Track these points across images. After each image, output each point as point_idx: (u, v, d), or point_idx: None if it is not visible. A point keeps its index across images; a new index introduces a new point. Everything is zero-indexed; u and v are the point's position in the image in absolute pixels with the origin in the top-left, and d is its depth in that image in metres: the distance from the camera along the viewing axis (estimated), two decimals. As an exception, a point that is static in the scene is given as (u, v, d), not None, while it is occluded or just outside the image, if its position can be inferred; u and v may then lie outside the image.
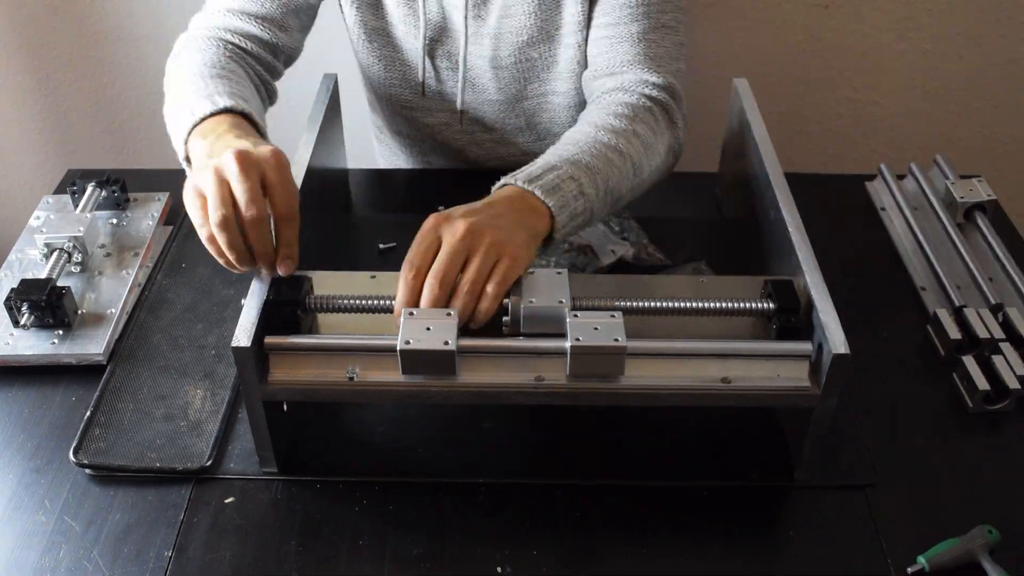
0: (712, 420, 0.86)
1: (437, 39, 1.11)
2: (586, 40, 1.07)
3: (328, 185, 1.05)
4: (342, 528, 0.78)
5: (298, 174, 0.91)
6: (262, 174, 0.78)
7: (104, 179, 1.08)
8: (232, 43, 1.02)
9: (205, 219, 0.77)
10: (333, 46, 1.25)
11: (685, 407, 0.82)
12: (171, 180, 1.17)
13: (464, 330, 0.76)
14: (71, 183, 1.08)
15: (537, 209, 0.83)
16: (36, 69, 1.62)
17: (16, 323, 0.92)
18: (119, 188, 1.08)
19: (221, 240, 0.77)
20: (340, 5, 1.14)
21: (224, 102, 0.88)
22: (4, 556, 0.76)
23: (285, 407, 0.83)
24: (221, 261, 0.80)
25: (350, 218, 1.13)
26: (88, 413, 0.86)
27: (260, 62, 1.05)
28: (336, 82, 1.12)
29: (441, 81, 1.14)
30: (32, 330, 0.92)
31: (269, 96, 1.07)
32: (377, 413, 0.88)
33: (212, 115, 0.87)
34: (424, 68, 1.13)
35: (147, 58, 1.61)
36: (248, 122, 0.88)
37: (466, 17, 1.07)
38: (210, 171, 0.77)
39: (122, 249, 1.03)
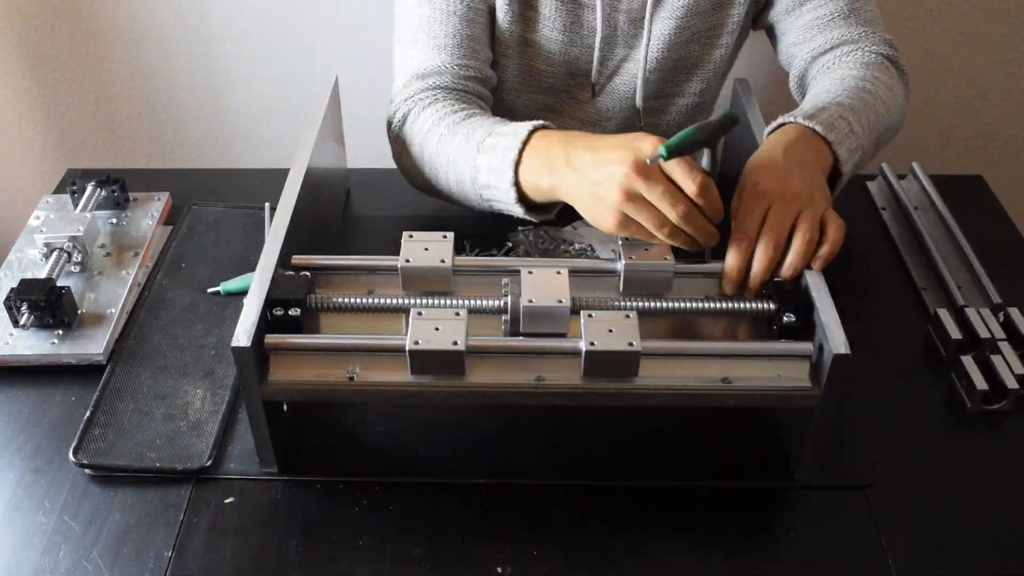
0: (712, 420, 0.86)
1: (604, 45, 1.09)
2: (736, 43, 1.12)
3: (328, 184, 1.05)
4: (342, 528, 0.78)
5: (297, 173, 0.91)
6: (656, 167, 0.79)
7: (104, 179, 1.08)
8: (455, 89, 1.02)
9: (663, 220, 0.79)
10: (333, 46, 1.25)
11: (685, 407, 0.82)
12: (171, 180, 1.17)
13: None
14: (71, 183, 1.08)
15: (819, 147, 0.89)
16: (36, 69, 1.62)
17: (16, 323, 0.92)
18: (119, 188, 1.08)
19: (691, 229, 0.80)
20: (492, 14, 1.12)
21: (527, 125, 0.89)
22: (4, 556, 0.76)
23: (285, 407, 0.83)
24: (687, 247, 0.82)
25: (350, 218, 1.13)
26: (88, 413, 0.86)
27: (483, 99, 1.06)
28: (336, 82, 1.11)
29: (612, 84, 1.13)
30: (32, 330, 0.92)
31: None
32: (377, 413, 0.87)
33: (528, 138, 0.88)
34: (596, 72, 1.11)
35: (147, 58, 1.61)
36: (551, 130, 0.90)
37: (649, 18, 1.06)
38: (617, 195, 0.79)
39: (122, 249, 1.03)
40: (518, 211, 0.92)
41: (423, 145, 0.99)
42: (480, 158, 0.92)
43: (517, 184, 0.89)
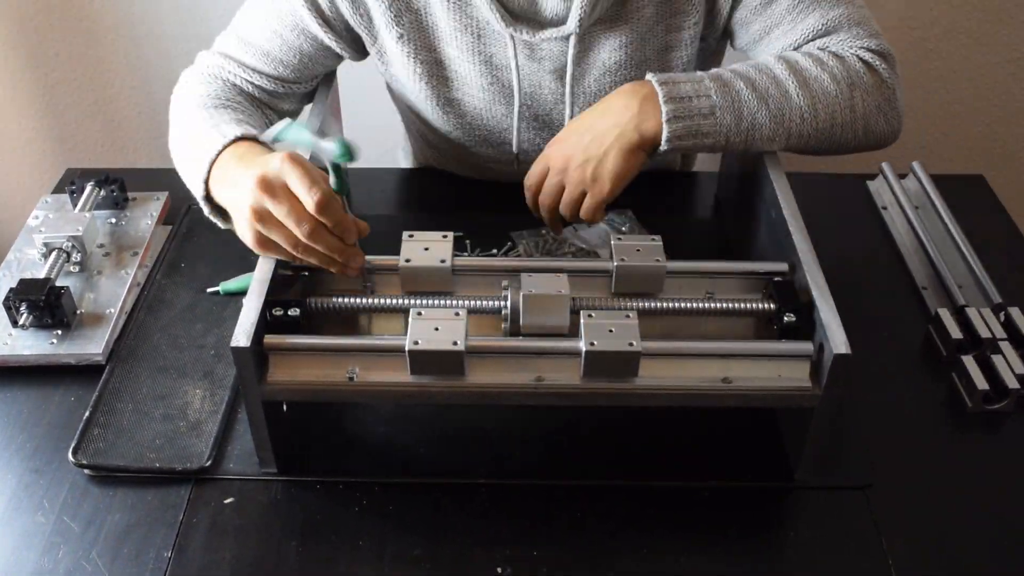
0: (712, 420, 0.86)
1: (530, 104, 1.05)
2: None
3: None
4: (342, 528, 0.78)
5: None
6: (285, 189, 0.78)
7: (103, 179, 1.08)
8: (235, 85, 1.02)
9: (295, 240, 0.78)
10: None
11: (685, 407, 0.82)
12: (170, 179, 1.17)
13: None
14: (70, 182, 1.07)
15: (649, 112, 0.89)
16: (35, 68, 1.62)
17: (15, 323, 0.92)
18: (118, 188, 1.08)
19: (312, 261, 0.80)
20: (388, 84, 1.12)
21: (232, 131, 0.88)
22: (3, 556, 0.76)
23: (285, 407, 0.83)
24: (334, 270, 0.82)
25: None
26: (87, 413, 0.86)
27: (263, 104, 1.05)
28: (336, 82, 1.11)
29: (535, 143, 1.09)
30: (31, 330, 0.92)
31: None
32: (377, 413, 0.87)
33: (222, 150, 0.87)
34: (517, 136, 1.07)
35: (146, 58, 1.60)
36: (258, 144, 0.89)
37: (570, 82, 1.01)
38: (248, 215, 0.78)
39: (121, 249, 1.03)
40: (205, 209, 0.91)
41: (179, 115, 0.99)
42: (193, 149, 0.91)
43: (207, 187, 0.88)
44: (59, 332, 0.92)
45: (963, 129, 1.67)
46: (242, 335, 0.74)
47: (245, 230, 0.81)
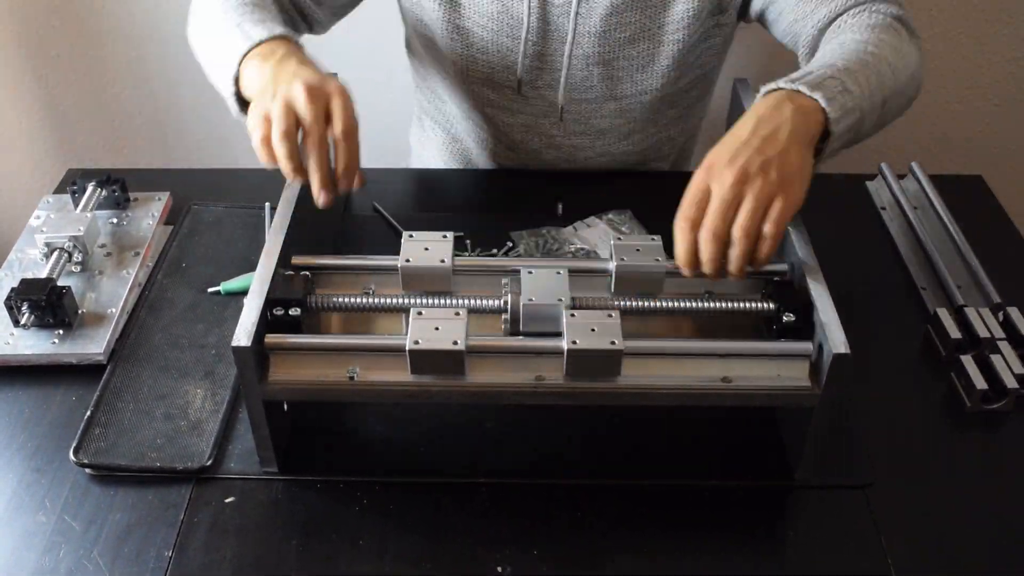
0: (712, 420, 0.86)
1: (537, 38, 1.07)
2: (686, 38, 1.06)
3: (328, 185, 1.05)
4: (343, 528, 0.78)
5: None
6: (326, 103, 0.81)
7: (104, 179, 1.08)
8: None
9: (266, 130, 0.81)
10: (333, 46, 1.25)
11: (685, 407, 0.82)
12: (171, 179, 1.17)
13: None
14: (71, 183, 1.08)
15: (805, 107, 0.81)
16: (36, 69, 1.62)
17: (16, 323, 0.92)
18: (119, 188, 1.08)
19: (281, 150, 0.81)
20: (404, 9, 1.12)
21: (279, 29, 0.89)
22: (4, 556, 0.76)
23: (285, 407, 0.83)
24: (278, 166, 0.82)
25: (350, 218, 1.13)
26: (88, 413, 0.86)
27: (285, 11, 1.04)
28: (336, 79, 1.11)
29: (538, 79, 1.11)
30: (32, 330, 0.92)
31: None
32: (377, 413, 0.88)
33: (265, 41, 0.88)
34: (521, 66, 1.09)
35: (147, 58, 1.61)
36: (302, 51, 0.89)
37: (575, 15, 1.04)
38: (279, 97, 0.81)
39: (122, 249, 1.03)
40: (232, 105, 0.92)
41: (210, 14, 0.98)
42: (233, 33, 0.92)
43: (237, 79, 0.90)
44: (60, 332, 0.92)
45: (962, 130, 1.67)
46: (243, 335, 0.74)
47: (263, 104, 0.82)
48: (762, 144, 0.78)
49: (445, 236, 0.84)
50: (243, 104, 0.91)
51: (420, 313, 0.76)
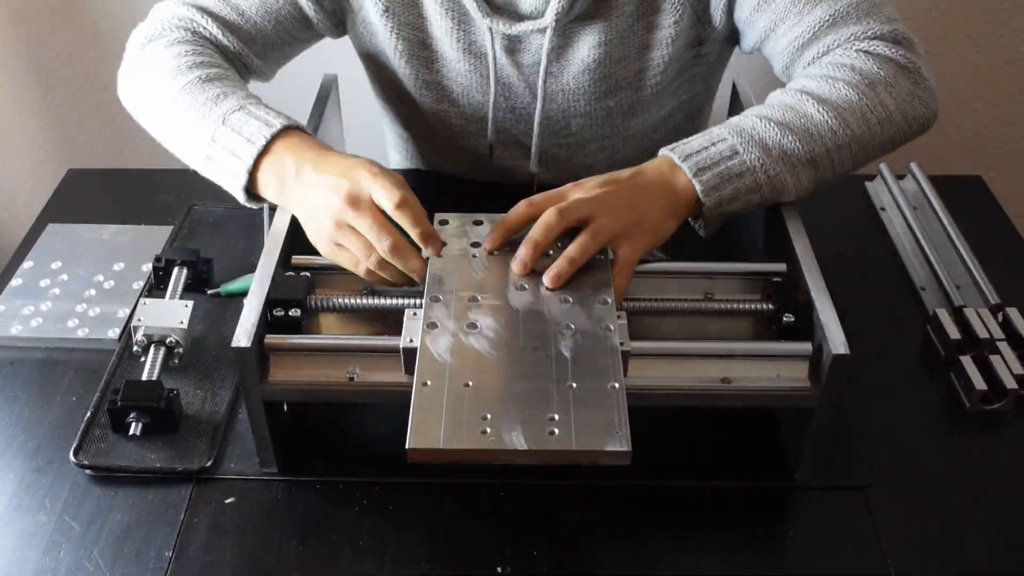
0: (712, 420, 0.86)
1: (506, 96, 1.05)
2: (665, 80, 1.03)
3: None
4: (342, 528, 0.78)
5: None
6: (368, 199, 0.79)
7: (193, 259, 1.00)
8: (209, 40, 0.97)
9: (371, 249, 0.79)
10: (333, 46, 1.24)
11: (685, 407, 0.82)
12: (171, 180, 1.17)
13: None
14: (155, 259, 0.99)
15: (677, 178, 0.83)
16: (36, 69, 1.62)
17: (121, 430, 0.84)
18: (208, 268, 1.00)
19: (393, 273, 0.80)
20: (367, 59, 1.10)
21: (276, 122, 0.86)
22: (5, 556, 0.76)
23: (285, 407, 0.83)
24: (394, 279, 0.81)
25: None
26: (88, 414, 0.86)
27: (233, 65, 0.99)
28: (336, 82, 1.12)
29: (511, 134, 1.09)
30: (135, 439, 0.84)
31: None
32: (377, 413, 0.88)
33: (271, 141, 0.85)
34: (492, 125, 1.07)
35: (147, 58, 1.60)
36: (306, 134, 0.87)
37: (544, 79, 1.01)
38: (339, 228, 0.79)
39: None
40: (240, 195, 0.88)
41: (163, 79, 0.92)
42: (222, 131, 0.87)
43: (251, 174, 0.86)
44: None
45: (961, 130, 1.67)
46: (243, 335, 0.74)
47: (321, 238, 0.82)
48: (633, 194, 0.82)
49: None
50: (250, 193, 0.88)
51: (415, 313, 0.76)
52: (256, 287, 0.79)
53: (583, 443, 0.66)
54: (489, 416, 0.68)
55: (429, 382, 0.70)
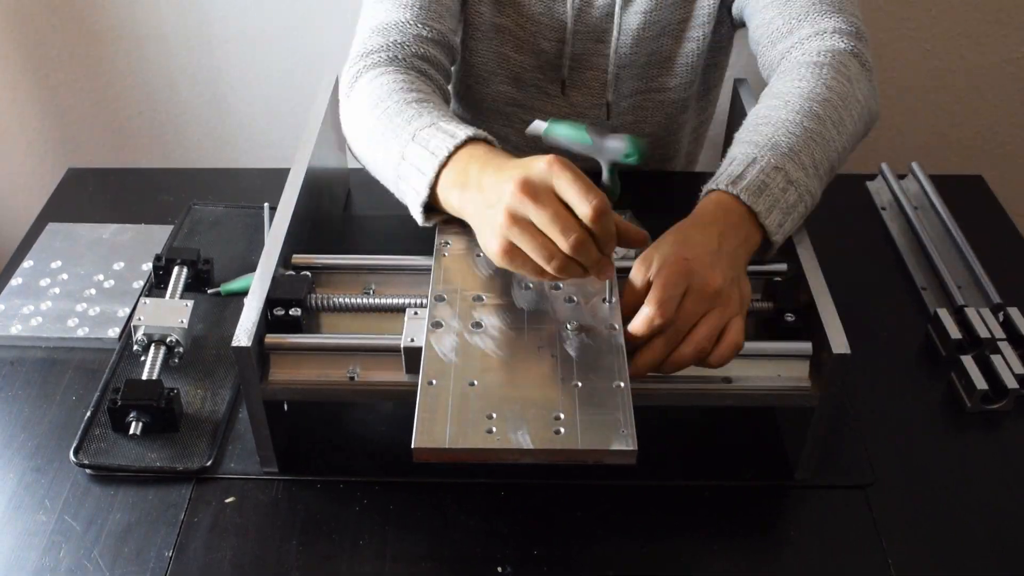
0: (712, 420, 0.86)
1: (580, 37, 1.09)
2: (711, 34, 1.08)
3: (328, 185, 1.05)
4: (343, 528, 0.78)
5: (298, 173, 0.91)
6: (549, 189, 0.69)
7: (193, 259, 0.99)
8: (414, 54, 0.95)
9: (552, 252, 0.69)
10: (333, 46, 1.25)
11: (685, 407, 0.82)
12: (171, 179, 1.17)
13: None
14: (155, 258, 0.99)
15: (748, 222, 0.79)
16: (36, 68, 1.62)
17: (121, 429, 0.84)
18: (209, 267, 1.00)
19: (585, 259, 0.70)
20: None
21: (463, 132, 0.80)
22: (5, 555, 0.76)
23: (286, 407, 0.83)
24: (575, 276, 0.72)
25: (350, 218, 1.13)
26: (88, 413, 0.86)
27: (439, 69, 0.98)
28: (336, 82, 1.11)
29: (586, 59, 1.12)
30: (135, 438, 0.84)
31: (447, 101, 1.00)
32: (377, 413, 0.88)
33: (454, 152, 0.79)
34: (566, 67, 1.10)
35: (148, 58, 1.61)
36: (491, 145, 0.81)
37: (619, 12, 1.05)
38: (502, 217, 0.70)
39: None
40: (418, 214, 0.82)
41: (369, 111, 0.89)
42: (411, 147, 0.82)
43: (433, 189, 0.80)
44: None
45: (962, 130, 1.67)
46: (243, 335, 0.74)
47: (492, 237, 0.71)
48: (730, 260, 0.76)
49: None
50: (430, 209, 0.83)
51: (416, 313, 0.76)
52: (256, 286, 0.79)
53: (588, 442, 0.66)
54: (494, 415, 0.68)
55: (434, 381, 0.70)
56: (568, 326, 0.75)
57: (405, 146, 0.83)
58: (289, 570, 0.75)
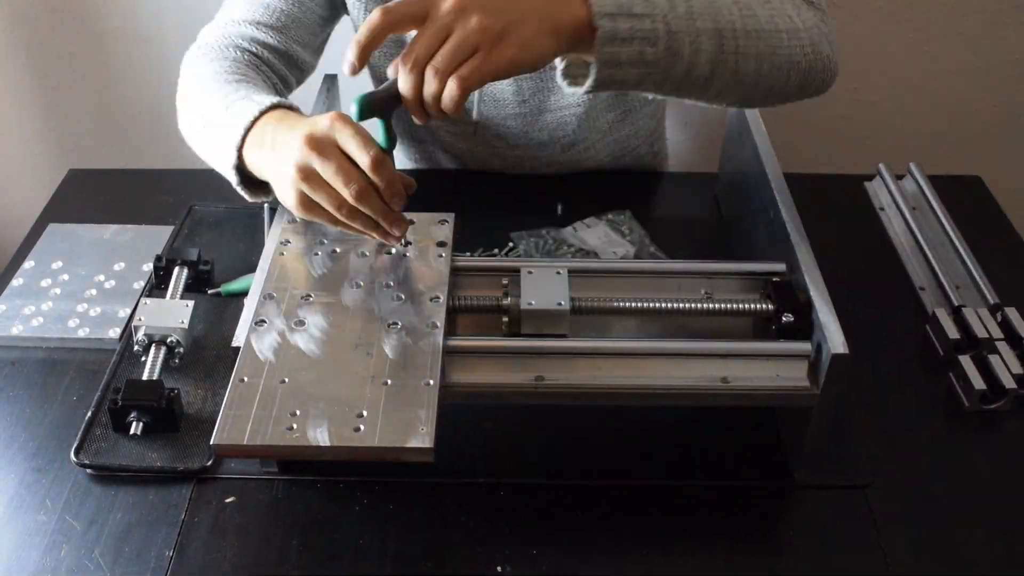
0: (712, 420, 0.86)
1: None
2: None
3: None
4: (343, 527, 0.78)
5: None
6: (332, 143, 0.74)
7: (195, 259, 1.00)
8: (247, 50, 0.99)
9: (340, 200, 0.74)
10: (333, 46, 1.25)
11: (685, 407, 0.82)
12: (172, 180, 1.17)
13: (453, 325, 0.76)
14: (156, 259, 0.99)
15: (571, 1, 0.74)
16: (36, 69, 1.62)
17: (122, 429, 0.84)
18: (210, 268, 1.00)
19: (369, 208, 0.75)
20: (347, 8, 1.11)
21: (267, 99, 0.84)
22: (6, 555, 0.76)
23: (286, 407, 0.83)
24: (376, 235, 0.78)
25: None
26: (89, 413, 0.86)
27: (275, 71, 1.02)
28: (336, 82, 1.12)
29: (495, 120, 1.10)
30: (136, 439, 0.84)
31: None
32: (377, 413, 0.88)
33: (259, 116, 0.83)
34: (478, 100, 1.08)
35: (148, 58, 1.61)
36: (292, 111, 0.84)
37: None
38: (293, 172, 0.74)
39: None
40: (233, 179, 0.85)
41: (195, 96, 0.94)
42: (223, 117, 0.85)
43: (240, 154, 0.83)
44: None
45: (960, 130, 1.67)
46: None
47: (288, 190, 0.77)
48: (505, 4, 0.72)
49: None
50: (249, 183, 0.86)
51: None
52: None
53: (386, 440, 0.68)
54: (298, 412, 0.69)
55: (245, 379, 0.72)
56: (389, 325, 0.76)
57: (219, 117, 0.86)
58: (289, 570, 0.75)
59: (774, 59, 0.82)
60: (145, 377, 0.87)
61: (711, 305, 0.82)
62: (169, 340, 0.90)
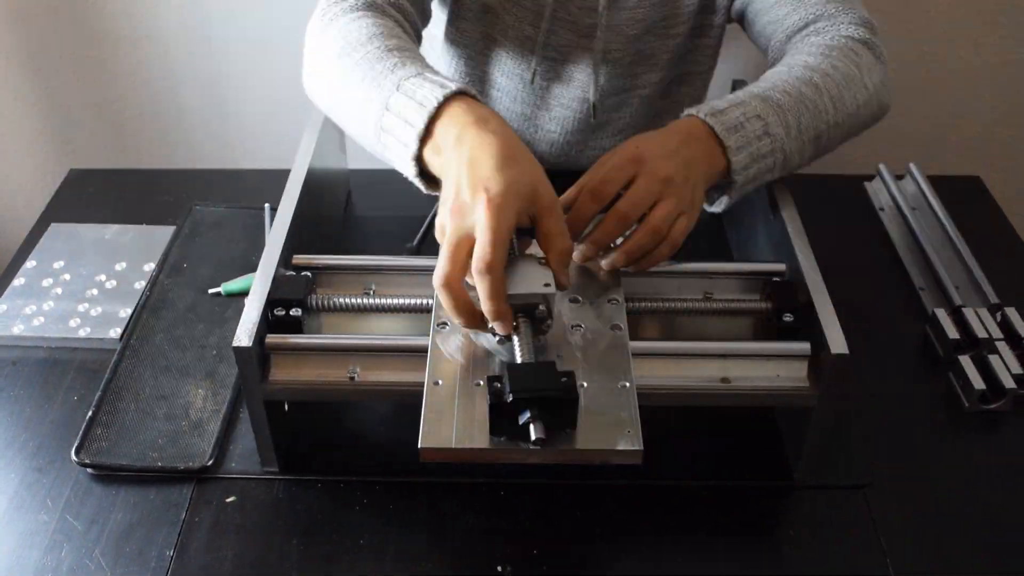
0: (712, 420, 0.86)
1: (560, 25, 1.06)
2: (687, 32, 1.08)
3: (328, 185, 1.06)
4: (343, 527, 0.78)
5: (298, 174, 0.92)
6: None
7: None
8: (388, 10, 0.91)
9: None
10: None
11: (685, 407, 0.82)
12: (172, 180, 1.18)
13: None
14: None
15: (713, 150, 0.81)
16: (37, 69, 1.62)
17: None
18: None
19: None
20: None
21: (452, 86, 0.76)
22: (6, 555, 0.76)
23: (286, 407, 0.83)
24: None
25: (350, 218, 1.14)
26: (90, 413, 0.86)
27: (413, 26, 0.95)
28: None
29: (564, 72, 1.11)
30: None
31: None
32: (377, 413, 0.88)
33: (452, 96, 0.75)
34: (536, 61, 1.08)
35: (148, 58, 1.61)
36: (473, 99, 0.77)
37: (604, 10, 1.03)
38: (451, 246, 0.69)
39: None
40: (409, 168, 0.78)
41: (346, 55, 0.84)
42: (396, 97, 0.78)
43: (422, 140, 0.76)
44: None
45: (960, 130, 1.67)
46: (244, 335, 0.74)
47: (438, 225, 0.73)
48: (686, 163, 0.78)
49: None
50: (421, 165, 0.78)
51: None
52: (257, 287, 0.79)
53: (594, 443, 0.67)
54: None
55: (440, 381, 0.71)
56: (572, 327, 0.75)
57: (389, 96, 0.78)
58: (290, 569, 0.75)
59: (852, 132, 0.93)
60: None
61: (711, 305, 0.82)
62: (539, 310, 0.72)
